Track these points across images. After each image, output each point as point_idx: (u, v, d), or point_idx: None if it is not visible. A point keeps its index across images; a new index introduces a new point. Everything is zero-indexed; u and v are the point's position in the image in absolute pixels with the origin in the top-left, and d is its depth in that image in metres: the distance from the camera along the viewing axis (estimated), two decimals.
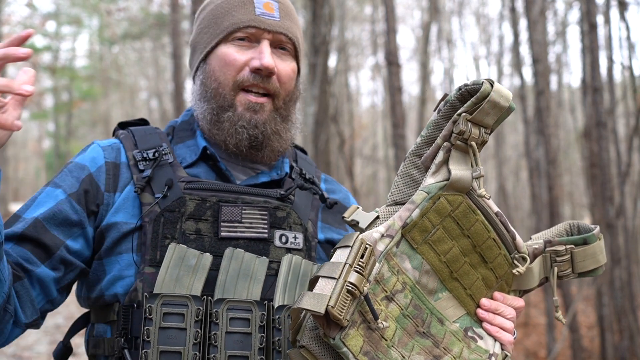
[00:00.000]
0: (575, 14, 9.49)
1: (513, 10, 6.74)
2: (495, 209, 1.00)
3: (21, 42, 0.89)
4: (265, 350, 1.01)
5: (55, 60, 21.19)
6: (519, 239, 1.01)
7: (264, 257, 1.08)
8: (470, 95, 0.94)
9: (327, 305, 0.83)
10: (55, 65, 20.65)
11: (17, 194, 31.02)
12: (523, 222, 13.48)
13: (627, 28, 6.62)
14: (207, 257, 1.05)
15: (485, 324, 1.02)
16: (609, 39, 5.80)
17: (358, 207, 1.00)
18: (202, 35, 1.21)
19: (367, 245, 0.90)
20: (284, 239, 1.12)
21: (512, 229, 1.01)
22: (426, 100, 10.89)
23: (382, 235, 0.95)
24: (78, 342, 5.16)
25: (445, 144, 0.97)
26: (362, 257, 0.88)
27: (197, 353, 0.98)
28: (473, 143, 0.95)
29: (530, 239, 1.08)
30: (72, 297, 1.22)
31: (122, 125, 1.23)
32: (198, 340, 0.99)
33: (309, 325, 0.90)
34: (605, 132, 4.44)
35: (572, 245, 1.04)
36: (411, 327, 0.95)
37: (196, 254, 1.04)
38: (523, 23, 8.70)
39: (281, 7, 1.18)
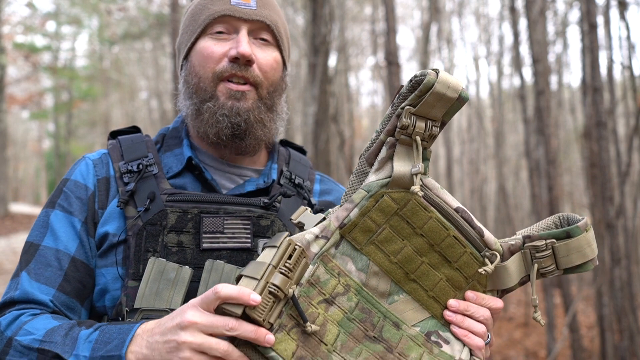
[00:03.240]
0: (575, 14, 9.49)
1: (513, 10, 6.74)
2: (455, 204, 0.94)
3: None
4: None
5: (55, 60, 21.19)
6: (487, 235, 0.94)
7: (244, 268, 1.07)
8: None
9: (245, 307, 0.80)
10: (55, 65, 20.65)
11: (17, 194, 30.99)
12: (523, 222, 13.48)
13: (627, 28, 6.62)
14: (186, 270, 1.04)
15: (452, 327, 0.94)
16: (609, 39, 5.80)
17: (306, 209, 0.96)
18: (184, 35, 1.22)
19: (296, 246, 0.86)
20: None
21: (479, 225, 0.94)
22: None
23: (317, 237, 0.90)
24: None
25: (389, 139, 0.92)
26: (289, 258, 0.85)
27: None
28: (417, 138, 0.89)
29: (516, 234, 1.01)
30: None
31: (113, 134, 1.23)
32: None
33: None
34: (605, 132, 4.44)
35: (553, 240, 0.94)
36: (358, 331, 0.89)
37: (175, 268, 1.04)
38: (523, 23, 8.70)
39: None
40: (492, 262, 0.93)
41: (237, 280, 0.85)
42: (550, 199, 5.08)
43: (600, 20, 5.99)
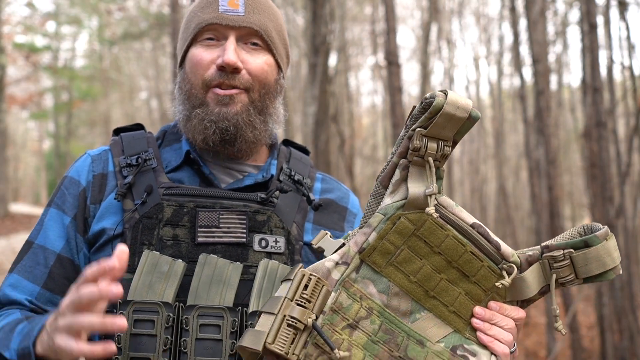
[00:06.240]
0: (575, 14, 9.50)
1: (513, 10, 6.74)
2: (471, 220, 0.95)
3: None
4: (237, 357, 1.00)
5: (55, 60, 21.19)
6: (504, 247, 0.96)
7: (238, 262, 1.07)
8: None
9: (265, 342, 0.82)
10: (55, 65, 20.66)
11: (17, 194, 31.01)
12: (523, 222, 13.48)
13: (627, 28, 6.63)
14: (180, 264, 1.04)
15: (479, 334, 0.96)
16: (609, 39, 5.80)
17: (327, 234, 0.97)
18: (179, 42, 1.25)
19: (310, 276, 0.88)
20: (263, 243, 1.11)
21: (496, 238, 0.96)
22: None
23: (337, 263, 0.92)
24: None
25: (402, 161, 0.93)
26: (305, 288, 0.87)
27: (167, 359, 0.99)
28: (430, 159, 0.91)
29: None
30: None
31: (117, 131, 1.25)
32: (168, 346, 0.99)
33: None
34: (605, 132, 4.44)
35: (571, 249, 0.94)
36: (383, 353, 0.91)
37: (169, 261, 1.04)
38: (523, 23, 8.70)
39: (247, 2, 1.17)
40: (509, 274, 0.94)
41: (258, 316, 0.88)
42: (550, 199, 5.08)
43: (600, 20, 6.00)
